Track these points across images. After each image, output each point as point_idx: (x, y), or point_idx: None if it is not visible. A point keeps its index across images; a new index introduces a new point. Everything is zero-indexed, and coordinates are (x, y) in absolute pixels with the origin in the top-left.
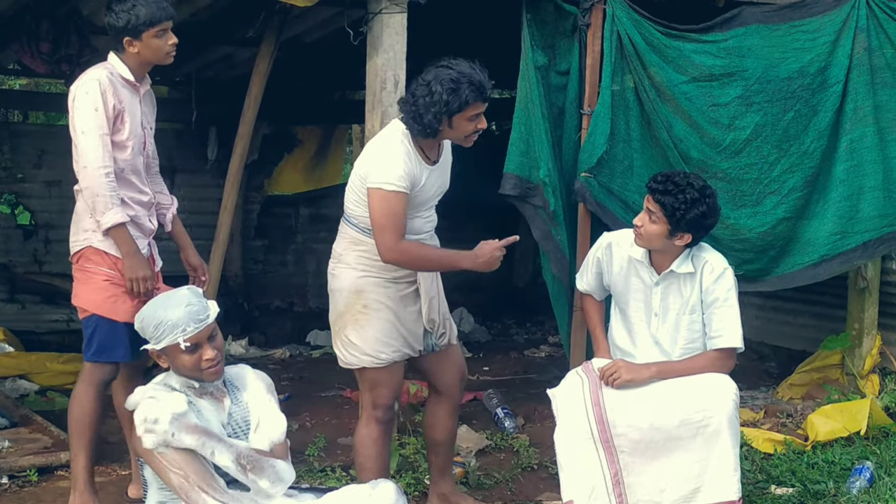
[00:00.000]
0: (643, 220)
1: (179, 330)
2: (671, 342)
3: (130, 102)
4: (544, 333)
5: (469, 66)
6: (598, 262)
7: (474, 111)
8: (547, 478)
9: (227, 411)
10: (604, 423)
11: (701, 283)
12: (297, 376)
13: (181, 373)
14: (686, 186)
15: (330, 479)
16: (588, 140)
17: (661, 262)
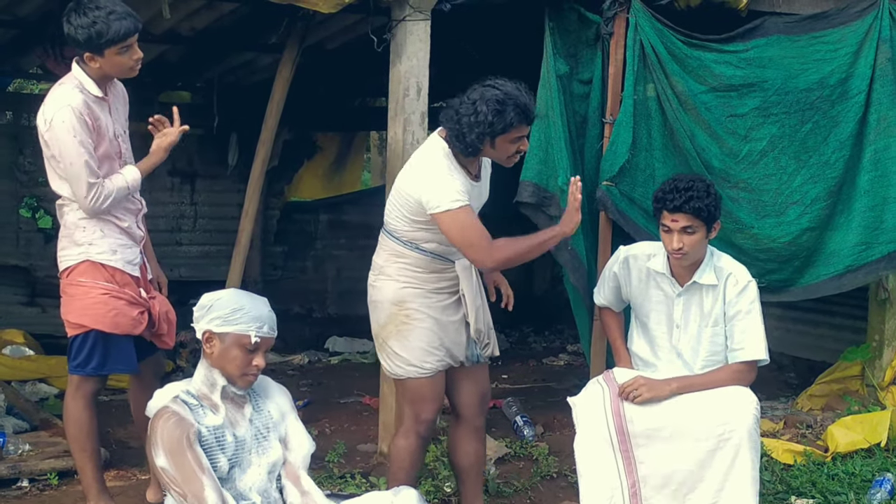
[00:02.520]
0: (681, 241)
1: (257, 325)
2: (693, 354)
3: (104, 119)
4: (563, 342)
5: (515, 87)
6: (615, 276)
7: (518, 133)
8: (566, 486)
9: (248, 418)
10: (623, 434)
11: (724, 296)
12: (315, 382)
13: (223, 366)
14: (692, 184)
15: (350, 485)
16: (610, 149)
17: (684, 274)
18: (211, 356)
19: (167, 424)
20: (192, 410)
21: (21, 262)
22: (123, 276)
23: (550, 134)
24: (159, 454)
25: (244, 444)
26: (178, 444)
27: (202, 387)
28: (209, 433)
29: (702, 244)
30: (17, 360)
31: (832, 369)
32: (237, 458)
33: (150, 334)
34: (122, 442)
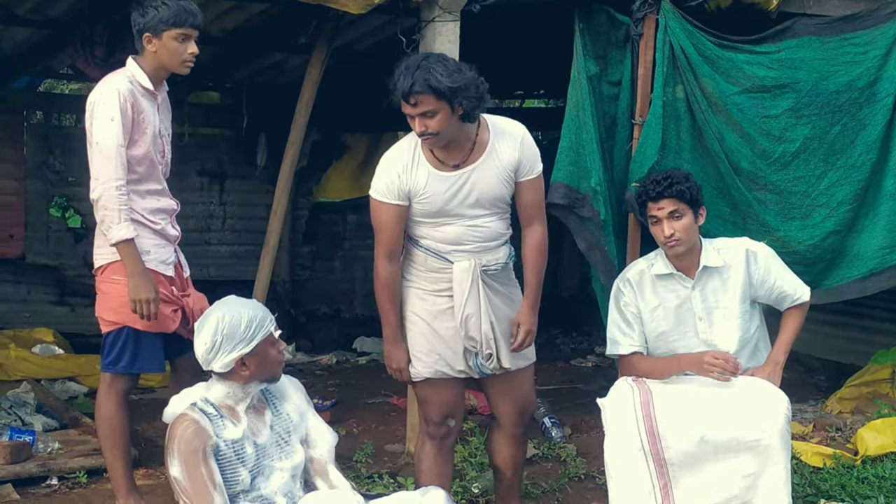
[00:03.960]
0: (671, 228)
1: (270, 319)
2: (726, 340)
3: (149, 112)
4: (591, 343)
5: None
6: (629, 304)
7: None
8: (594, 488)
9: (269, 424)
10: (654, 436)
11: (748, 270)
12: (343, 383)
13: (266, 373)
14: (670, 173)
15: (377, 485)
16: (639, 150)
17: (689, 264)
18: (248, 375)
19: (185, 433)
20: (212, 421)
21: (51, 261)
22: (156, 275)
23: (582, 135)
24: (174, 463)
25: (265, 452)
26: (193, 456)
27: (225, 399)
28: (228, 448)
29: (692, 229)
30: (46, 359)
31: (862, 372)
32: (259, 467)
33: (187, 332)
34: (151, 440)
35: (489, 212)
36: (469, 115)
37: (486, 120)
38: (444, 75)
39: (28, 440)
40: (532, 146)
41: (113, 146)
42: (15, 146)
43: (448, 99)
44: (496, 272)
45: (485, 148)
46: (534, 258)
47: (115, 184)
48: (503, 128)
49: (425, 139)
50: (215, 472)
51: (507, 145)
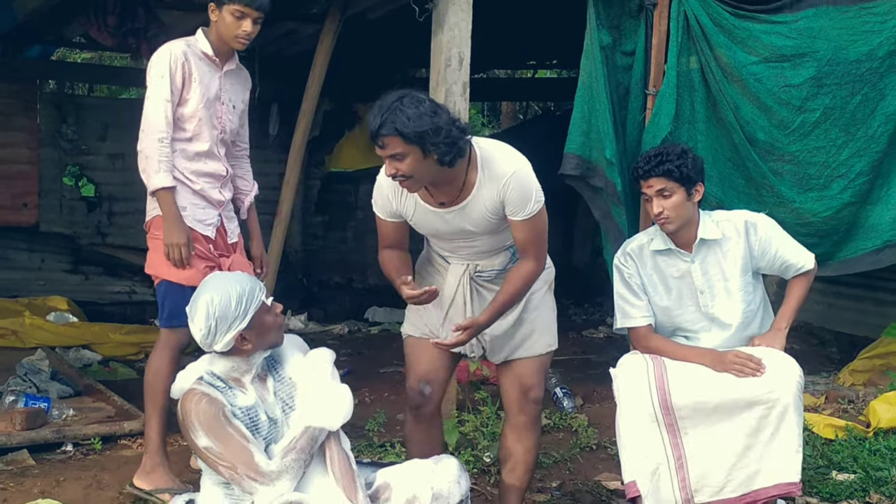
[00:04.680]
0: (660, 206)
1: (258, 288)
2: (728, 313)
3: (206, 76)
4: (602, 315)
5: None
6: (633, 276)
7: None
8: (606, 458)
9: (273, 391)
10: (668, 407)
11: (748, 242)
12: (355, 352)
13: (266, 341)
14: (665, 150)
15: (389, 454)
16: (652, 121)
17: (687, 239)
18: (251, 347)
19: (199, 405)
20: (222, 392)
21: (65, 229)
22: (192, 231)
23: (594, 105)
24: (199, 435)
25: (276, 422)
26: (215, 420)
27: (231, 372)
28: (243, 414)
29: (683, 207)
30: (61, 327)
31: (875, 345)
32: (272, 434)
33: None
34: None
35: (485, 234)
36: (443, 161)
37: (478, 156)
38: (411, 119)
39: (43, 407)
40: (520, 188)
41: (160, 100)
42: (28, 115)
43: (418, 143)
44: (491, 277)
45: (471, 190)
46: (513, 282)
47: (157, 136)
48: (493, 168)
49: (399, 182)
50: (242, 427)
51: (491, 188)
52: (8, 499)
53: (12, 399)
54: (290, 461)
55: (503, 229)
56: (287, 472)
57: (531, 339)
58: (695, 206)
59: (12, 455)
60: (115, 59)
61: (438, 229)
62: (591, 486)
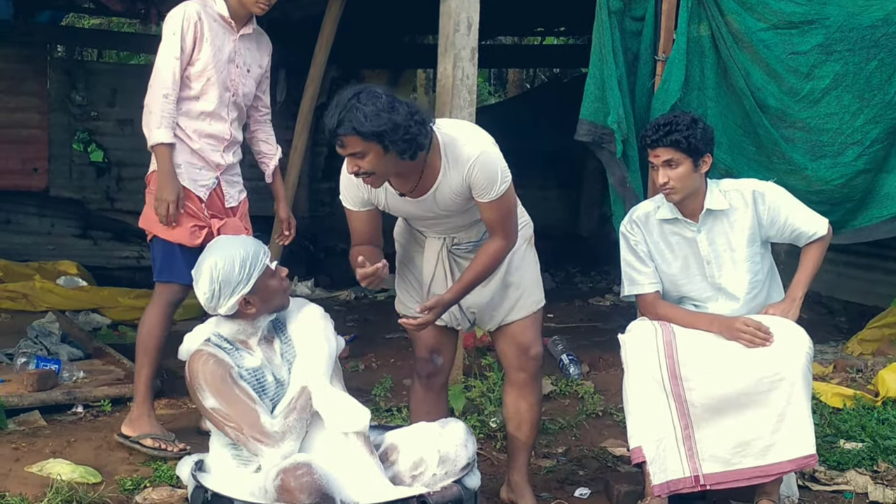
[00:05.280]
0: (666, 176)
1: (262, 252)
2: (735, 284)
3: (220, 38)
4: (609, 283)
5: None
6: (639, 242)
7: None
8: (612, 425)
9: (280, 353)
10: (676, 378)
11: (755, 212)
12: (362, 318)
13: (271, 305)
14: (674, 119)
15: (396, 418)
16: (662, 87)
17: (694, 209)
18: (255, 311)
19: (207, 365)
20: (229, 354)
21: (74, 194)
22: (186, 190)
23: (605, 71)
24: (206, 395)
25: (283, 384)
26: (222, 381)
27: (237, 335)
28: (250, 375)
29: (690, 178)
30: (70, 291)
31: (884, 314)
32: (279, 396)
33: None
34: (173, 371)
35: (457, 213)
36: (403, 156)
37: (441, 142)
38: (369, 117)
39: (54, 369)
40: (485, 171)
41: (169, 57)
42: (38, 80)
43: (377, 140)
44: (469, 248)
45: (436, 177)
46: (481, 259)
47: (162, 91)
48: (456, 152)
49: (361, 178)
50: (248, 388)
51: (456, 173)
52: (20, 458)
53: (24, 361)
54: (292, 421)
55: (474, 206)
56: (291, 432)
57: (521, 300)
58: (702, 176)
59: (24, 416)
60: (125, 26)
61: (412, 213)
62: (596, 452)
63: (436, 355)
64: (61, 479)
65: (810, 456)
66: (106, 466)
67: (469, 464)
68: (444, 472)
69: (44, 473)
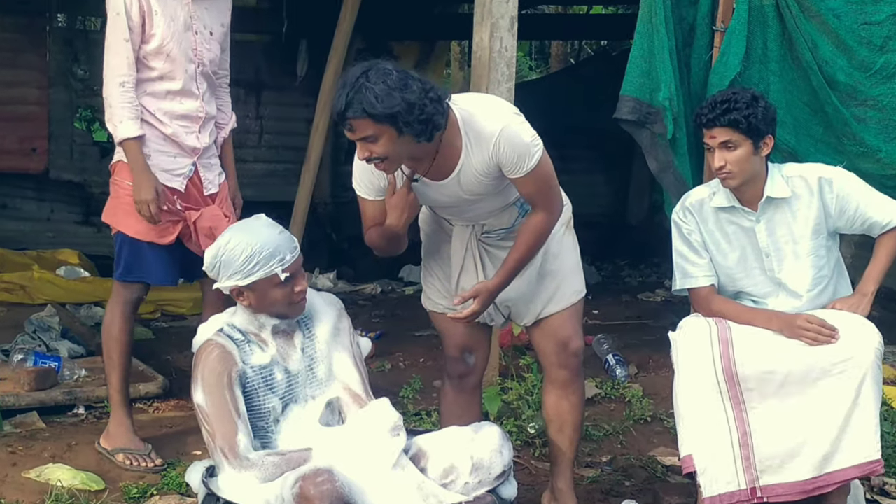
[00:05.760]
0: (723, 159)
1: (277, 260)
2: (797, 278)
3: (170, 5)
4: (660, 276)
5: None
6: (692, 232)
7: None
8: (662, 431)
9: (300, 347)
10: (733, 378)
11: (822, 200)
12: (389, 314)
13: (268, 310)
14: (733, 96)
15: (425, 423)
16: (720, 60)
17: (752, 196)
18: (249, 305)
19: (209, 359)
20: (239, 347)
21: (75, 177)
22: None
23: (654, 43)
24: (197, 389)
25: (297, 379)
26: (217, 382)
27: (249, 325)
28: (255, 374)
29: (749, 161)
30: (71, 282)
31: None
32: (291, 394)
33: (200, 251)
34: (183, 370)
35: (486, 196)
36: (420, 139)
37: (459, 119)
38: (380, 97)
39: (54, 366)
40: (512, 146)
41: (118, 40)
42: (38, 52)
43: (390, 123)
44: (501, 236)
45: (458, 159)
46: (525, 238)
47: (118, 80)
48: (477, 130)
49: (373, 164)
50: (239, 400)
51: (480, 152)
52: (17, 463)
53: (21, 358)
54: (269, 462)
55: (505, 187)
56: (260, 470)
57: (559, 290)
58: (762, 160)
59: (21, 417)
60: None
61: (436, 200)
62: (644, 461)
63: (468, 354)
64: (61, 486)
65: (875, 461)
66: (109, 472)
67: (504, 472)
68: (477, 481)
69: (42, 479)
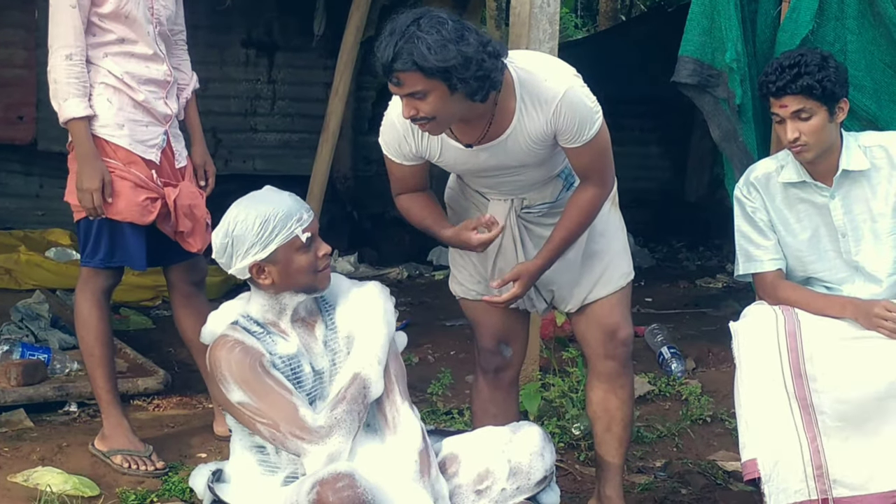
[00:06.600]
0: (796, 130)
1: (295, 220)
2: (876, 260)
3: None
4: (721, 260)
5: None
6: (757, 210)
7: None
8: (722, 433)
9: (323, 340)
10: (801, 377)
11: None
12: (416, 301)
13: (294, 283)
14: (800, 59)
15: (457, 422)
16: (790, 17)
17: (827, 169)
18: (273, 284)
19: (232, 354)
20: (259, 339)
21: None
22: (130, 155)
23: None
24: (231, 388)
25: (322, 376)
26: (251, 372)
27: (266, 313)
28: (284, 364)
29: (825, 130)
30: (62, 265)
31: None
32: (317, 390)
33: (174, 233)
34: (186, 364)
35: (531, 166)
36: (474, 98)
37: (515, 79)
38: (433, 49)
39: (43, 359)
40: (574, 111)
41: (63, 7)
42: (25, 8)
43: (442, 78)
44: (543, 212)
45: (510, 121)
46: (573, 214)
47: (64, 52)
48: (536, 92)
49: (418, 124)
50: (283, 379)
51: (537, 117)
52: (2, 465)
53: (6, 349)
54: (340, 413)
55: (553, 156)
56: (339, 427)
57: (606, 273)
58: (837, 127)
59: (7, 415)
60: None
61: (475, 168)
62: (703, 466)
63: (504, 346)
64: (51, 492)
65: None
66: (104, 477)
67: (546, 477)
68: (515, 487)
69: (30, 484)
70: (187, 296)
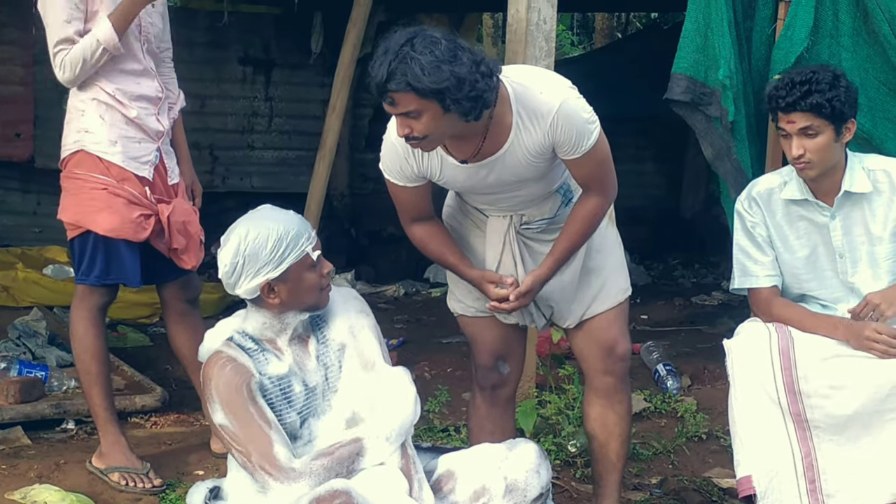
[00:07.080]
0: (802, 147)
1: (305, 238)
2: (870, 284)
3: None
4: (717, 277)
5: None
6: (757, 225)
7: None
8: (718, 450)
9: (315, 355)
10: (795, 393)
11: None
12: (413, 318)
13: (301, 302)
14: (812, 74)
15: (453, 440)
16: (785, 34)
17: (829, 188)
18: (280, 303)
19: (223, 373)
20: (252, 356)
21: None
22: (123, 171)
23: (711, 14)
24: (216, 408)
25: (315, 392)
26: (237, 396)
27: (264, 331)
28: (273, 385)
29: (830, 149)
30: (60, 282)
31: None
32: (309, 408)
33: (167, 250)
34: (183, 381)
35: (530, 181)
36: (467, 117)
37: (510, 93)
38: (427, 71)
39: (40, 376)
40: (571, 122)
41: (57, 21)
42: (22, 25)
43: (436, 98)
44: (542, 227)
45: (507, 135)
46: (576, 225)
47: (62, 38)
48: (532, 105)
49: (411, 143)
50: (265, 409)
51: (534, 131)
52: (0, 483)
53: (3, 367)
54: (318, 466)
55: (551, 170)
56: (310, 477)
57: (604, 289)
58: (842, 147)
59: (4, 432)
60: None
61: (474, 185)
62: (699, 483)
63: (502, 362)
64: None
65: None
66: (102, 494)
67: (542, 494)
68: None
69: (28, 501)
70: (182, 313)
